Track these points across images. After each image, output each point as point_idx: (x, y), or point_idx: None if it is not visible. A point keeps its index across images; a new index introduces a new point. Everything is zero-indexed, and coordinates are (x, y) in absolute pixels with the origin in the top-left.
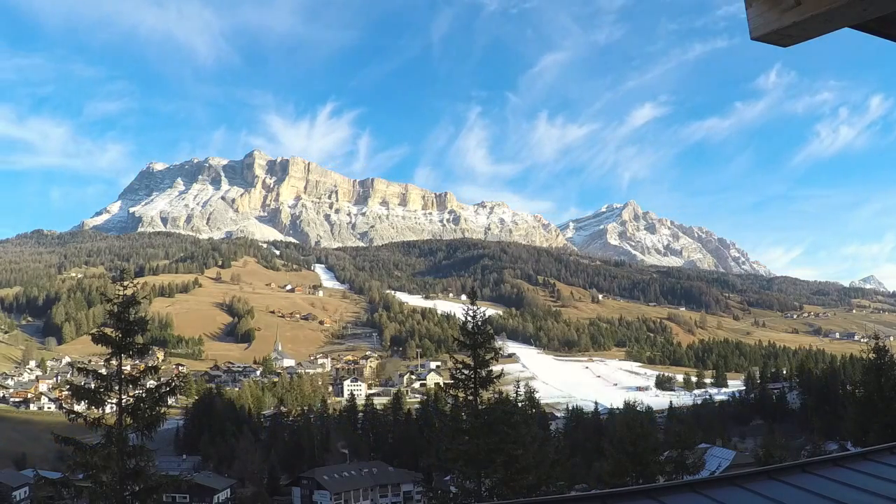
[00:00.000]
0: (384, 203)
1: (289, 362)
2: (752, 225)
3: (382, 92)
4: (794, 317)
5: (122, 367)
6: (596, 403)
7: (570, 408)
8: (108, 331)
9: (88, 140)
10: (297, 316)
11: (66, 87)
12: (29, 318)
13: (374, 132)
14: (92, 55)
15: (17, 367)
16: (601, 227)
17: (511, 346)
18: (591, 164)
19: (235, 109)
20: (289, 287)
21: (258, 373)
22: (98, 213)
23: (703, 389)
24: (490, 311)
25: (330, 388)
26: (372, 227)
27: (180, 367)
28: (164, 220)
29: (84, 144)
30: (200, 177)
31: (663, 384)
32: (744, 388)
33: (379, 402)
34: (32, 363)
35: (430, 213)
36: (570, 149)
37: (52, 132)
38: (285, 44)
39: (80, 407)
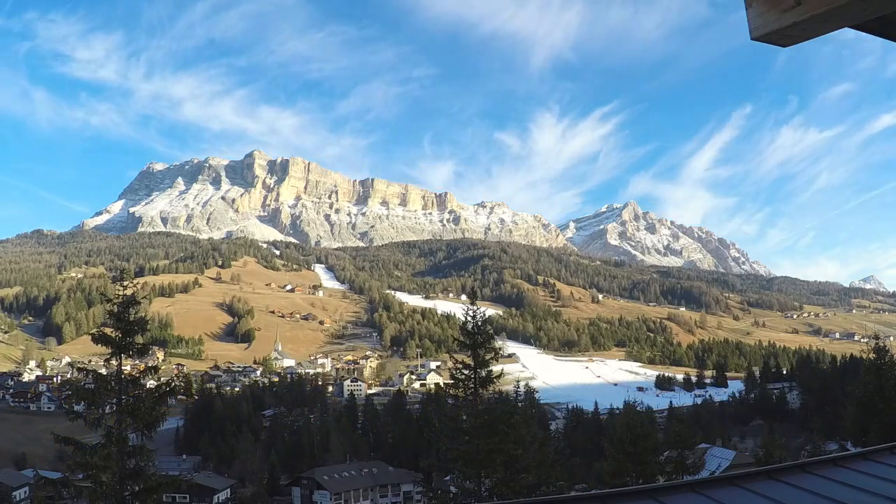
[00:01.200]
0: (384, 203)
1: (289, 362)
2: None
3: (667, 95)
4: (794, 317)
5: (122, 367)
6: (596, 403)
7: (570, 408)
8: (108, 331)
9: (326, 131)
10: (297, 316)
11: (345, 70)
12: (29, 318)
13: (631, 134)
14: (403, 37)
15: (17, 367)
16: (601, 227)
17: (511, 346)
18: (804, 172)
19: (509, 102)
20: (289, 287)
21: (258, 373)
22: (98, 213)
23: (703, 389)
24: (490, 311)
25: (330, 388)
26: (372, 227)
27: (180, 367)
28: (165, 220)
29: (317, 135)
30: (200, 177)
31: (663, 384)
32: (744, 388)
33: (379, 402)
34: (32, 363)
35: (430, 213)
36: (793, 155)
37: (281, 122)
38: (638, 51)
39: (79, 407)
